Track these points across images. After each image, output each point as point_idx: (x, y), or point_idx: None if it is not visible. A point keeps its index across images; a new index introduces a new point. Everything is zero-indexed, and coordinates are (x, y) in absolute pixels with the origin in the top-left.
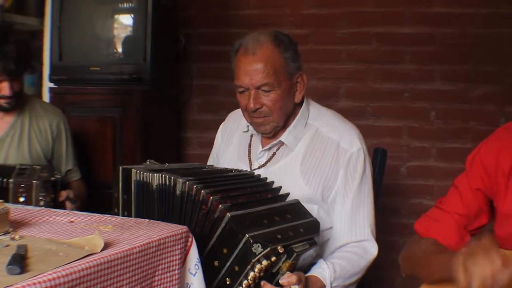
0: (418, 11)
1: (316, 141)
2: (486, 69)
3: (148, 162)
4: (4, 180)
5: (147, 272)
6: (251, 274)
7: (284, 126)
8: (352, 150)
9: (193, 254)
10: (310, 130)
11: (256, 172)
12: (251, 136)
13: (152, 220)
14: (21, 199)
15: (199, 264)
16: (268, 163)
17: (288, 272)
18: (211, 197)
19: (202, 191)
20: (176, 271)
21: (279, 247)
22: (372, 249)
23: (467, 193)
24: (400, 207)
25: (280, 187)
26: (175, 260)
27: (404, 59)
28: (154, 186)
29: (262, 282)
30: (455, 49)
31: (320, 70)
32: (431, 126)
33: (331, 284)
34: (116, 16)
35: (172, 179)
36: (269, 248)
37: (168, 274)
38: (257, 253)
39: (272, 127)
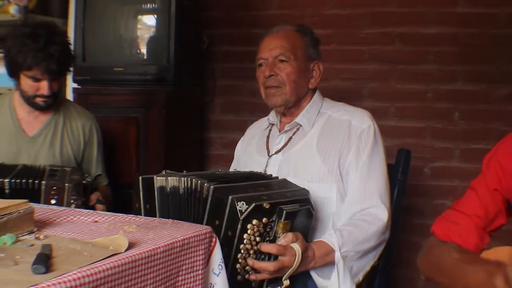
0: (441, 11)
1: (329, 124)
2: (510, 69)
3: (164, 172)
4: (36, 182)
5: (171, 272)
6: (245, 236)
7: (296, 112)
8: (363, 126)
9: (217, 254)
10: (323, 117)
11: (274, 159)
12: (270, 129)
13: (176, 220)
14: (53, 201)
15: (223, 265)
16: (285, 147)
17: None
18: (199, 181)
19: (194, 179)
20: (200, 271)
21: (264, 204)
22: (381, 215)
23: (485, 195)
24: (424, 208)
25: (271, 175)
26: (199, 260)
27: (427, 60)
28: (169, 189)
29: (259, 245)
30: (478, 50)
31: (343, 70)
32: (454, 126)
33: (340, 249)
34: (140, 16)
35: (177, 180)
36: (254, 204)
37: (192, 274)
38: (243, 211)
39: (283, 100)
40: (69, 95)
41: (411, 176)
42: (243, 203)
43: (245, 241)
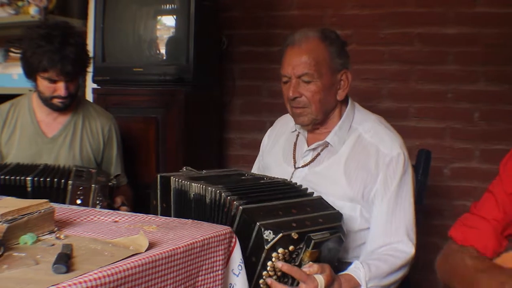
0: (461, 11)
1: (358, 145)
2: None
3: (184, 169)
4: (62, 181)
5: (191, 272)
6: (269, 263)
7: (326, 124)
8: (392, 154)
9: (237, 255)
10: (353, 134)
11: (300, 171)
12: (297, 136)
13: (195, 221)
14: (78, 202)
15: (243, 265)
16: (312, 163)
17: (310, 262)
18: (229, 197)
19: (223, 194)
20: (220, 271)
21: (293, 233)
22: (408, 250)
23: (502, 198)
24: (443, 209)
25: (306, 189)
26: (219, 260)
27: (447, 60)
28: (192, 195)
29: (281, 264)
30: (498, 50)
31: (363, 71)
32: (474, 127)
33: (366, 284)
34: (159, 17)
35: (203, 188)
36: (281, 234)
37: (211, 275)
38: (269, 240)
39: (310, 119)
40: (89, 96)
41: (430, 177)
42: (270, 232)
43: (268, 268)
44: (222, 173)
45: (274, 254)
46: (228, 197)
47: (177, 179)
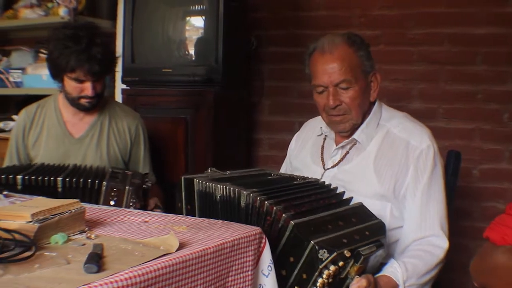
0: (490, 11)
1: (387, 140)
2: None
3: (209, 170)
4: (96, 182)
5: (221, 273)
6: (320, 280)
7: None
8: (422, 147)
9: (266, 255)
10: (381, 130)
11: (330, 171)
12: (324, 138)
13: (225, 221)
14: (112, 203)
15: (272, 266)
16: (341, 162)
17: (357, 276)
18: (275, 207)
19: (266, 202)
20: (250, 272)
21: (345, 251)
22: (442, 244)
23: None
24: (473, 210)
25: (343, 192)
26: (249, 261)
27: (477, 60)
28: (218, 197)
29: None
30: None
31: (392, 71)
32: (504, 128)
33: (404, 284)
34: (188, 18)
35: (236, 191)
36: (335, 253)
37: (241, 275)
38: (323, 259)
39: (351, 125)
40: (118, 96)
41: (460, 178)
42: (324, 252)
43: (318, 284)
44: (246, 174)
45: (326, 272)
46: (275, 207)
47: (200, 181)
